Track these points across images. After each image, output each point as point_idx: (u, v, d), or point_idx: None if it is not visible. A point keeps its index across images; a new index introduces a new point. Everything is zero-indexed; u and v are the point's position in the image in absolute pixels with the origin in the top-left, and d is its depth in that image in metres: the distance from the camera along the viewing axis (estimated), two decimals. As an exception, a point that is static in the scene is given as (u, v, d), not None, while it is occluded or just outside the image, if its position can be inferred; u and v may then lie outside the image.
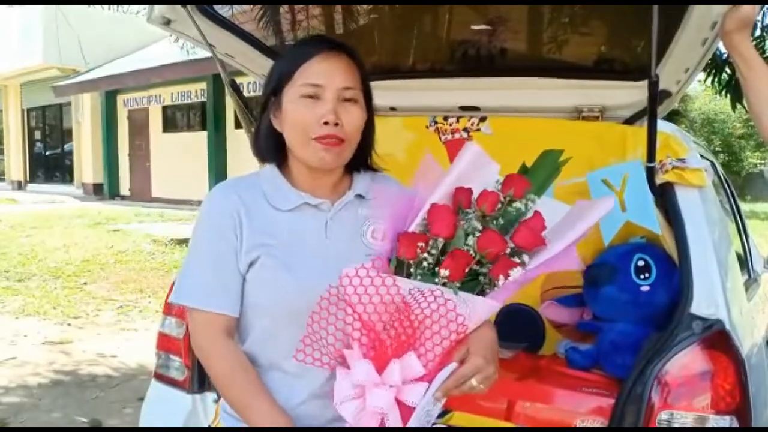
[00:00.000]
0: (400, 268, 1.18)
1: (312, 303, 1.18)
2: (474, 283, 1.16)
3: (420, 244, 1.15)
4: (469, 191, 1.23)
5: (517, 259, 1.16)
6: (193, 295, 1.26)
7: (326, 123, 1.22)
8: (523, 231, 1.17)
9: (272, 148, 1.32)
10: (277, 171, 1.31)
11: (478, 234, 1.18)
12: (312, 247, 1.26)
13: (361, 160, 1.36)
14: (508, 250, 1.16)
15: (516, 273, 1.15)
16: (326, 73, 1.24)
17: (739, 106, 4.63)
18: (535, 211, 1.21)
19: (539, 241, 1.18)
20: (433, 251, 1.16)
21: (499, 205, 1.20)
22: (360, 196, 1.33)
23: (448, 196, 1.24)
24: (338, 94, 1.24)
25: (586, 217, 1.23)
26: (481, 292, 1.16)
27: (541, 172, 1.31)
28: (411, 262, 1.17)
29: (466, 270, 1.15)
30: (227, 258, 1.24)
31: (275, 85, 1.29)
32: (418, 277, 1.16)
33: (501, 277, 1.15)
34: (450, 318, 1.12)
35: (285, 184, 1.30)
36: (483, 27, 2.24)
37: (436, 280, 1.14)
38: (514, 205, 1.21)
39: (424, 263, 1.16)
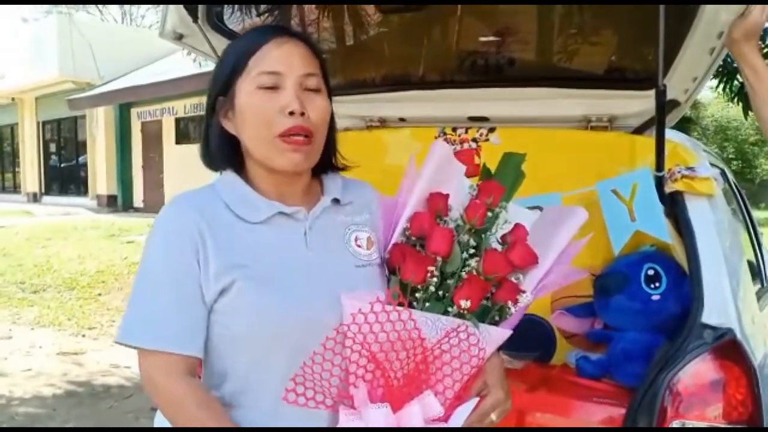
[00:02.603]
0: (404, 291, 1.09)
1: (301, 324, 1.06)
2: (483, 309, 1.11)
3: (430, 268, 1.08)
4: (446, 197, 1.17)
5: (513, 279, 1.13)
6: (148, 334, 1.05)
7: (291, 113, 1.08)
8: (519, 249, 1.12)
9: (226, 155, 1.16)
10: (238, 178, 1.15)
11: (472, 250, 1.13)
12: (293, 261, 1.11)
13: (326, 160, 1.22)
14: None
15: (524, 299, 1.11)
16: (284, 60, 1.10)
17: (751, 113, 4.61)
18: (516, 224, 1.17)
19: (534, 259, 1.14)
20: (437, 273, 1.09)
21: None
22: (336, 201, 1.20)
23: (423, 201, 1.18)
24: (300, 82, 1.10)
25: (562, 228, 1.19)
26: (491, 321, 1.12)
27: (506, 177, 1.27)
28: (417, 285, 1.09)
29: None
30: (187, 287, 1.06)
31: (225, 81, 1.13)
32: (426, 303, 1.09)
33: (510, 303, 1.10)
34: (472, 353, 1.08)
35: (251, 192, 1.14)
36: (491, 38, 2.25)
37: (449, 308, 1.08)
38: (489, 213, 1.16)
39: (431, 288, 1.09)
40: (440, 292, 1.10)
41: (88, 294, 7.00)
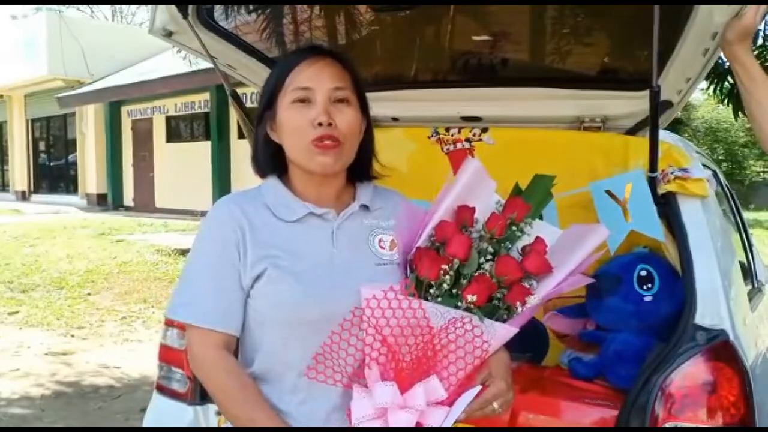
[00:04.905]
0: (419, 287, 1.19)
1: (321, 313, 1.18)
2: (492, 307, 1.19)
3: (443, 266, 1.17)
4: (472, 210, 1.25)
5: (527, 284, 1.20)
6: (191, 311, 1.23)
7: (320, 124, 1.22)
8: (534, 257, 1.21)
9: (271, 161, 1.32)
10: (279, 182, 1.31)
11: (489, 257, 1.20)
12: (319, 256, 1.25)
13: (362, 169, 1.36)
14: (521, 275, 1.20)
15: (532, 300, 1.19)
16: (314, 76, 1.25)
17: (741, 114, 4.62)
18: (537, 237, 1.24)
19: (548, 268, 1.21)
20: (451, 272, 1.18)
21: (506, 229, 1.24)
22: (365, 207, 1.33)
23: (451, 212, 1.26)
24: (329, 95, 1.25)
25: (583, 244, 1.26)
26: (499, 318, 1.19)
27: (534, 197, 1.33)
28: (431, 282, 1.18)
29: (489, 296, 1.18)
30: (228, 274, 1.22)
31: (268, 98, 1.29)
32: (439, 299, 1.18)
33: (518, 304, 1.18)
34: (476, 344, 1.15)
35: (288, 194, 1.29)
36: (484, 38, 2.25)
37: (459, 303, 1.16)
38: (513, 227, 1.24)
39: (444, 285, 1.18)
40: (454, 290, 1.18)
41: (77, 293, 6.95)
